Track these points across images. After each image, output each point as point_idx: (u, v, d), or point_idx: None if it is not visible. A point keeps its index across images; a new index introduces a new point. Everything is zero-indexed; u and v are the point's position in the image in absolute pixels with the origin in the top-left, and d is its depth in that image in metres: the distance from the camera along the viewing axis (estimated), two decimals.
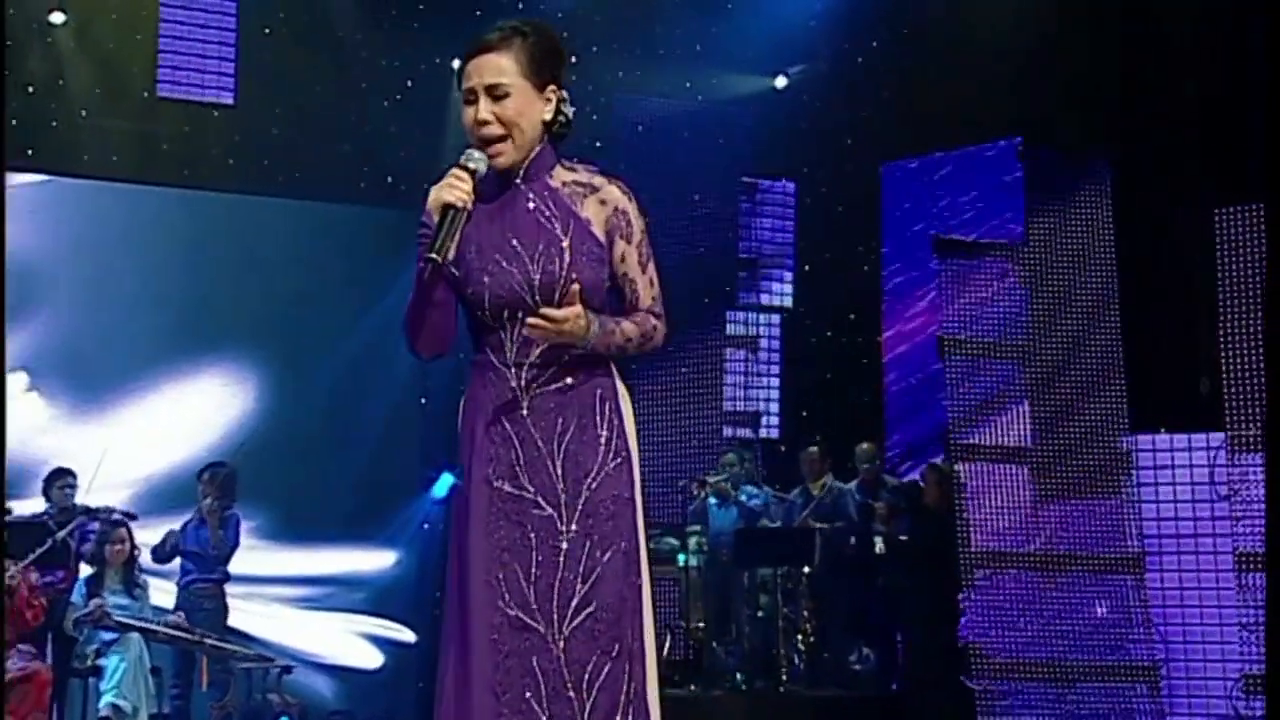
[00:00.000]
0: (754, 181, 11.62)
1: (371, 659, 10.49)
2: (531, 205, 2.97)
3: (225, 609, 8.76)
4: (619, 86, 11.33)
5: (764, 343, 11.53)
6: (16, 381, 9.90)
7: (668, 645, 9.51)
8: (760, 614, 9.39)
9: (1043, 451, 8.79)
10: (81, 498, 8.58)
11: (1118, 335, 8.86)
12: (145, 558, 8.58)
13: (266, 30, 10.37)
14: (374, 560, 10.55)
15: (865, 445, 10.18)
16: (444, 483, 10.74)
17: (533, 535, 2.87)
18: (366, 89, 10.62)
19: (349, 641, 10.48)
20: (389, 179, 10.75)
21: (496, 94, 2.94)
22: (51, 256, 9.99)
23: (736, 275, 11.48)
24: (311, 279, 10.44)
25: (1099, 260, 8.95)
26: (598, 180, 3.04)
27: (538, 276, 2.90)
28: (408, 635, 10.54)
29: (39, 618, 7.95)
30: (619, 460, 2.95)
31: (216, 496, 8.73)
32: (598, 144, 11.27)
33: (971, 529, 8.60)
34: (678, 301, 11.35)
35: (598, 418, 2.95)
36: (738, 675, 9.15)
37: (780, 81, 11.75)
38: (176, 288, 10.21)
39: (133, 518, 8.79)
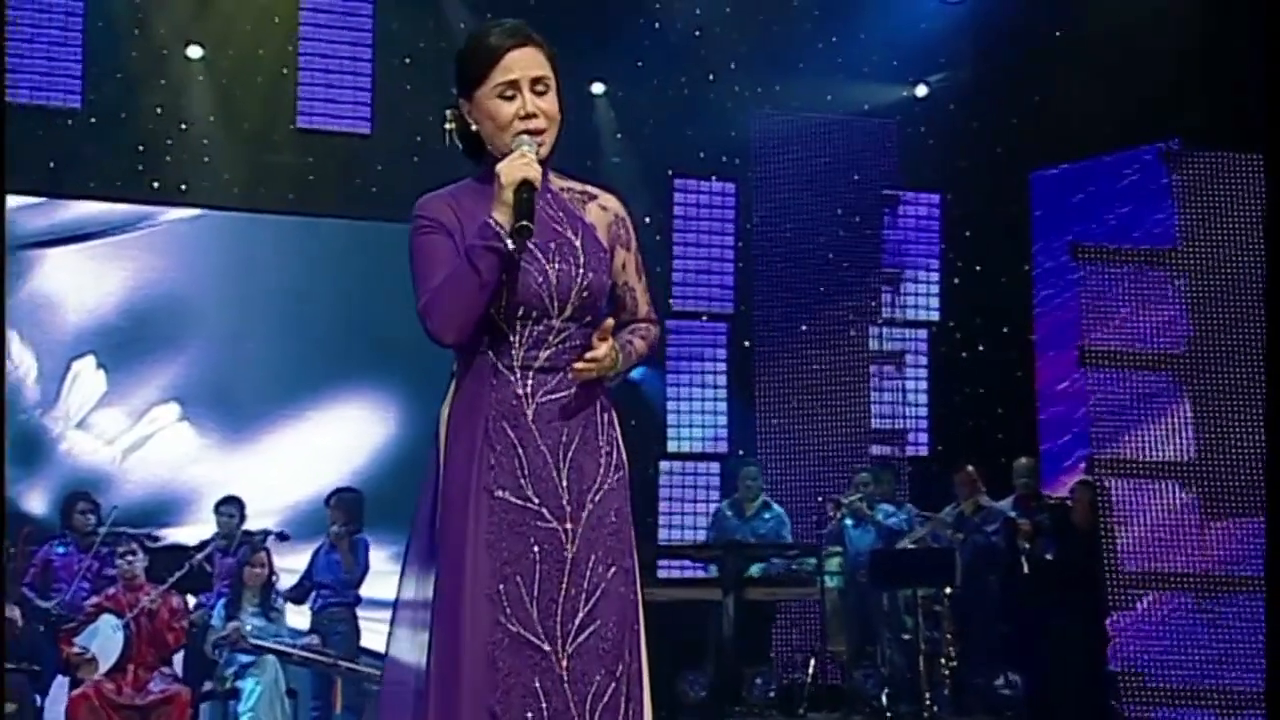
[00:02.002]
0: (896, 194, 11.37)
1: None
2: (541, 207, 2.89)
3: (358, 632, 8.85)
4: (757, 101, 11.23)
5: (911, 358, 11.27)
6: (169, 412, 10.19)
7: (812, 669, 9.32)
8: (904, 637, 9.13)
9: (1201, 467, 8.37)
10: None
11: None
12: (284, 582, 8.72)
13: (407, 60, 10.52)
14: None
15: (1024, 460, 9.87)
16: None
17: (536, 549, 2.76)
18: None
19: None
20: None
21: (538, 88, 2.91)
22: (202, 290, 10.27)
23: (880, 290, 11.25)
24: None
25: (1253, 264, 8.50)
26: (592, 188, 3.00)
27: (555, 278, 2.83)
28: None
29: (180, 640, 8.14)
30: (620, 474, 2.88)
31: (344, 522, 8.83)
32: (736, 160, 11.22)
33: (1122, 549, 8.24)
34: (820, 317, 11.28)
35: (598, 428, 2.88)
36: (881, 700, 8.91)
37: (922, 90, 11.49)
38: (320, 316, 10.39)
39: (285, 538, 8.97)
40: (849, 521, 9.58)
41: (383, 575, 9.21)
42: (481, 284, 2.75)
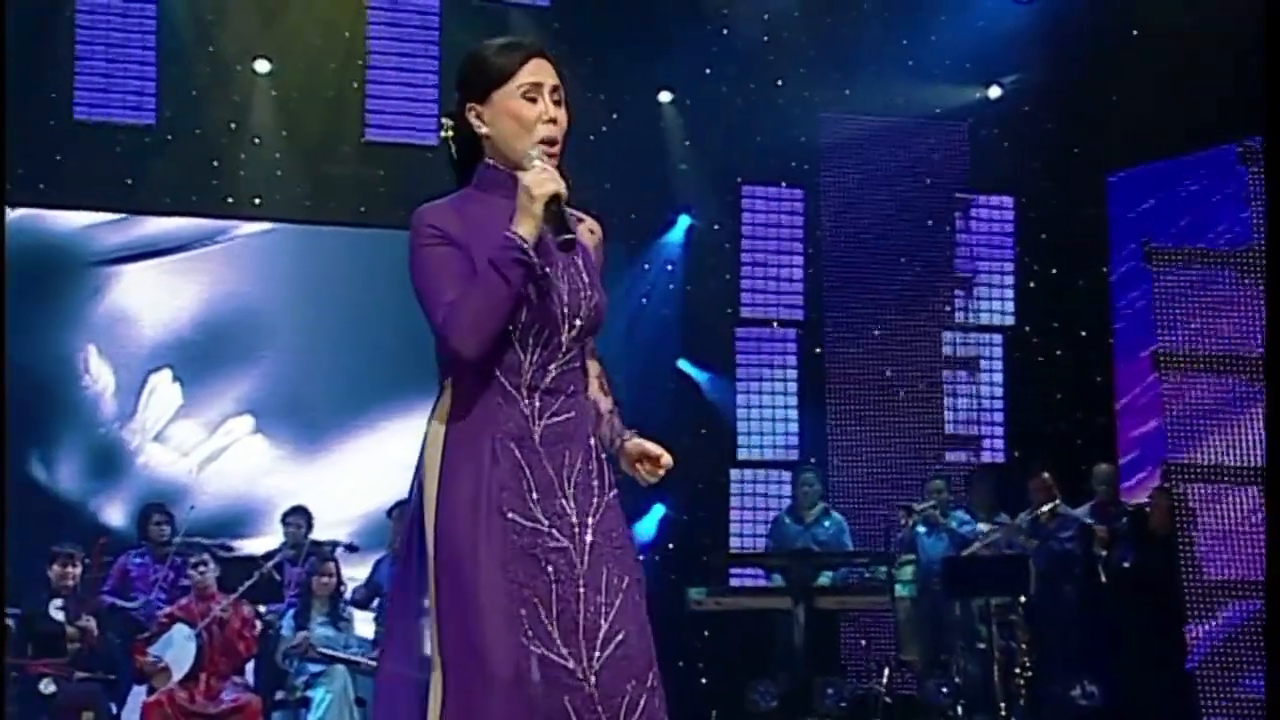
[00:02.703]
0: (969, 197, 11.23)
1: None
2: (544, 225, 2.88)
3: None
4: (826, 106, 11.14)
5: (985, 363, 11.12)
6: (243, 424, 10.31)
7: (886, 678, 9.21)
8: (979, 646, 8.99)
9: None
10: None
11: None
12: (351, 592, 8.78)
13: None
14: None
15: (1104, 466, 9.70)
16: (654, 515, 10.68)
17: (550, 570, 2.74)
18: (575, 123, 10.67)
19: None
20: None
21: (556, 99, 2.91)
22: (274, 303, 10.39)
23: (953, 294, 11.11)
24: None
25: None
26: (578, 211, 2.97)
27: (568, 299, 2.84)
28: None
29: (251, 649, 8.23)
30: (615, 492, 2.88)
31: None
32: (805, 166, 11.14)
33: (1201, 555, 8.06)
34: (892, 323, 11.15)
35: (590, 449, 2.88)
36: (956, 711, 8.79)
37: (995, 92, 11.32)
38: (390, 328, 10.42)
39: (354, 549, 9.02)
40: (921, 529, 9.46)
41: None
42: (510, 295, 2.74)
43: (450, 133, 2.94)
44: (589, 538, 2.79)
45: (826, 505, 9.75)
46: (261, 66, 10.28)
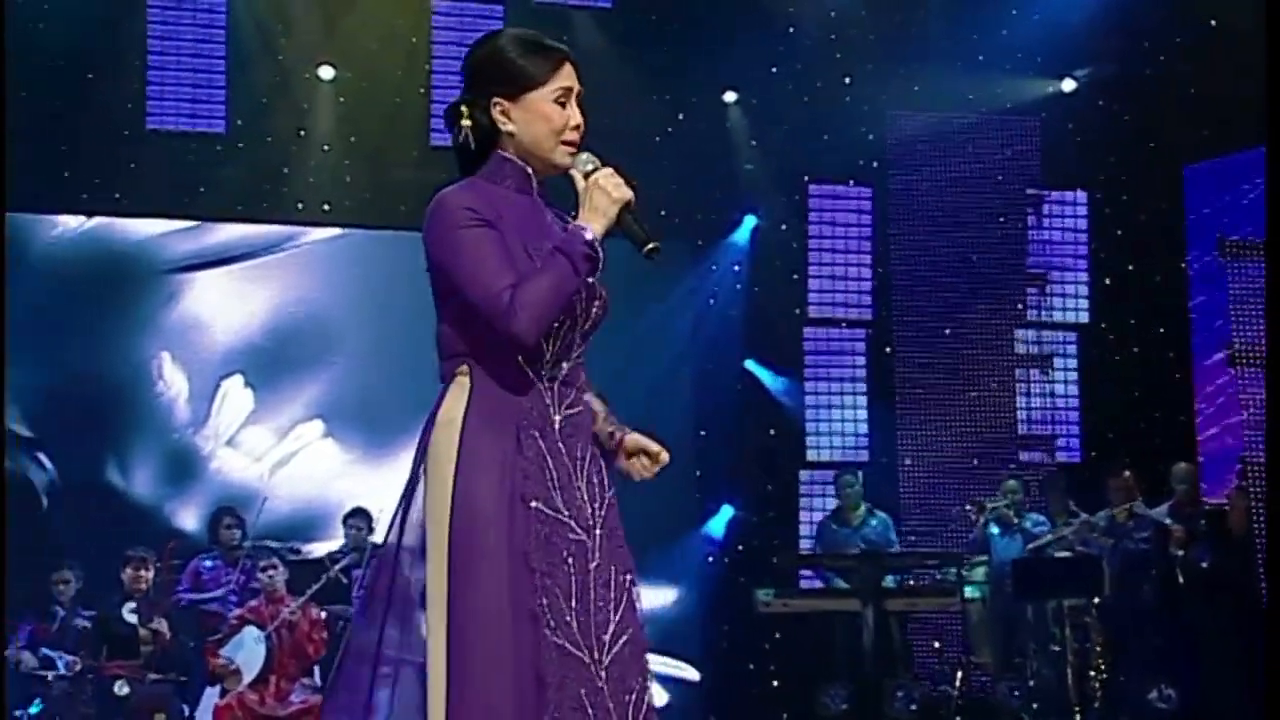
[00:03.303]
0: (1040, 193, 11.05)
1: (656, 697, 10.39)
2: (552, 219, 2.91)
3: None
4: (895, 103, 11.02)
5: (1059, 361, 10.94)
6: (313, 429, 10.39)
7: (959, 680, 9.09)
8: (1054, 648, 8.84)
9: None
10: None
11: None
12: None
13: None
14: (653, 597, 10.48)
15: (1183, 465, 9.51)
16: (723, 516, 10.63)
17: (570, 560, 2.74)
18: (638, 125, 10.66)
19: None
20: (662, 212, 10.75)
21: (579, 104, 2.92)
22: (343, 308, 10.45)
23: (1026, 292, 10.94)
24: None
25: None
26: (562, 211, 2.96)
27: (584, 294, 2.84)
28: (691, 673, 10.43)
29: (319, 651, 8.28)
30: (613, 490, 2.89)
31: None
32: (874, 164, 11.03)
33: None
34: (963, 321, 11.01)
35: (595, 443, 2.90)
36: (1030, 712, 8.65)
37: (1068, 85, 11.13)
38: None
39: None
40: (994, 529, 9.33)
41: None
42: (578, 288, 2.77)
43: (469, 122, 2.90)
44: (600, 533, 2.80)
45: (870, 505, 9.65)
46: (326, 73, 10.36)
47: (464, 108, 2.90)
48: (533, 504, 2.73)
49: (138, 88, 9.98)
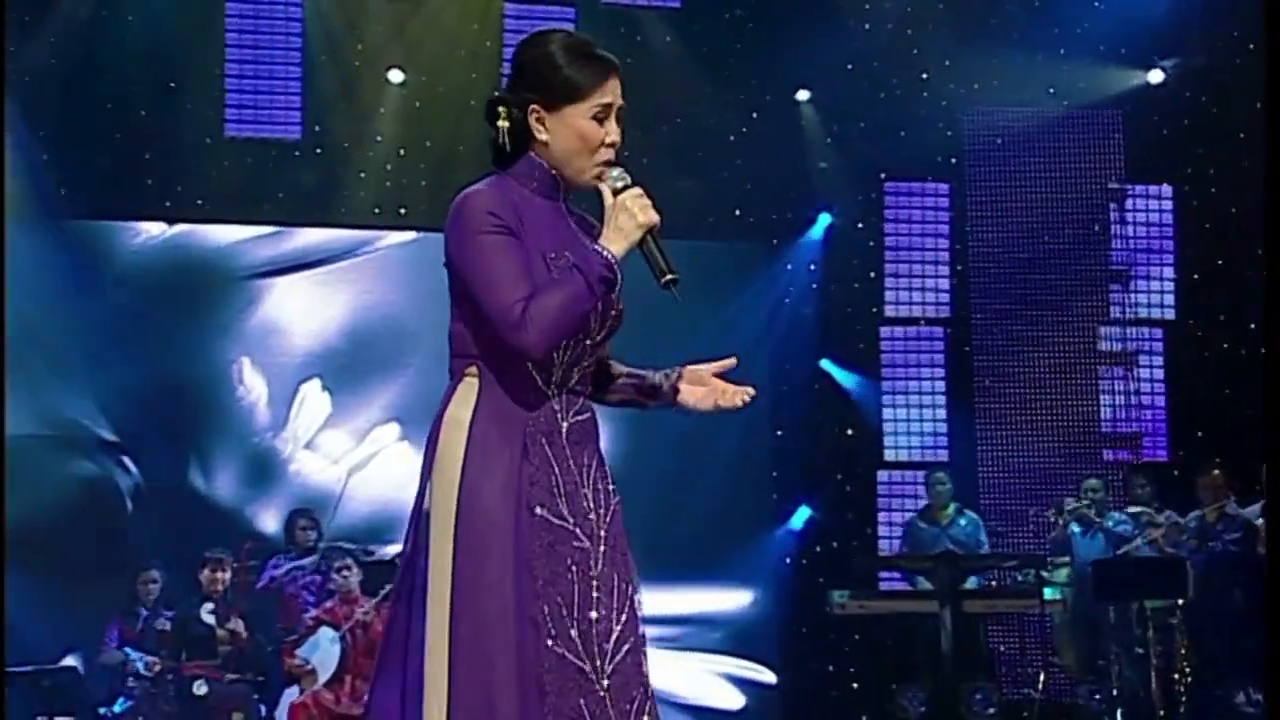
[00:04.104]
0: (1124, 188, 10.83)
1: (732, 700, 10.37)
2: (575, 226, 2.90)
3: None
4: (974, 98, 10.88)
5: (1144, 359, 10.71)
6: (389, 432, 10.45)
7: (1042, 683, 8.94)
8: (1138, 651, 8.65)
9: None
10: None
11: None
12: None
13: None
14: (730, 599, 10.43)
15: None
16: (800, 517, 10.53)
17: (573, 568, 2.73)
18: (712, 125, 10.63)
19: (709, 682, 10.39)
20: (736, 212, 10.73)
21: (619, 117, 2.89)
22: (419, 311, 10.47)
23: (1109, 289, 10.73)
24: (660, 316, 10.48)
25: None
26: (591, 218, 2.94)
27: (600, 304, 2.82)
28: (768, 676, 10.35)
29: None
30: (619, 498, 2.86)
31: None
32: (952, 160, 10.90)
33: None
34: (1044, 319, 10.78)
35: (601, 453, 2.88)
36: (1114, 716, 8.47)
37: (1155, 76, 10.89)
38: None
39: None
40: (1076, 529, 9.15)
41: None
42: (593, 310, 2.75)
43: (507, 123, 2.88)
44: (604, 541, 2.78)
45: (960, 505, 9.51)
46: (396, 77, 10.42)
47: (501, 107, 2.88)
48: (538, 511, 2.72)
49: (217, 96, 10.13)
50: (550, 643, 2.67)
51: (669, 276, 2.77)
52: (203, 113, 10.13)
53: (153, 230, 10.40)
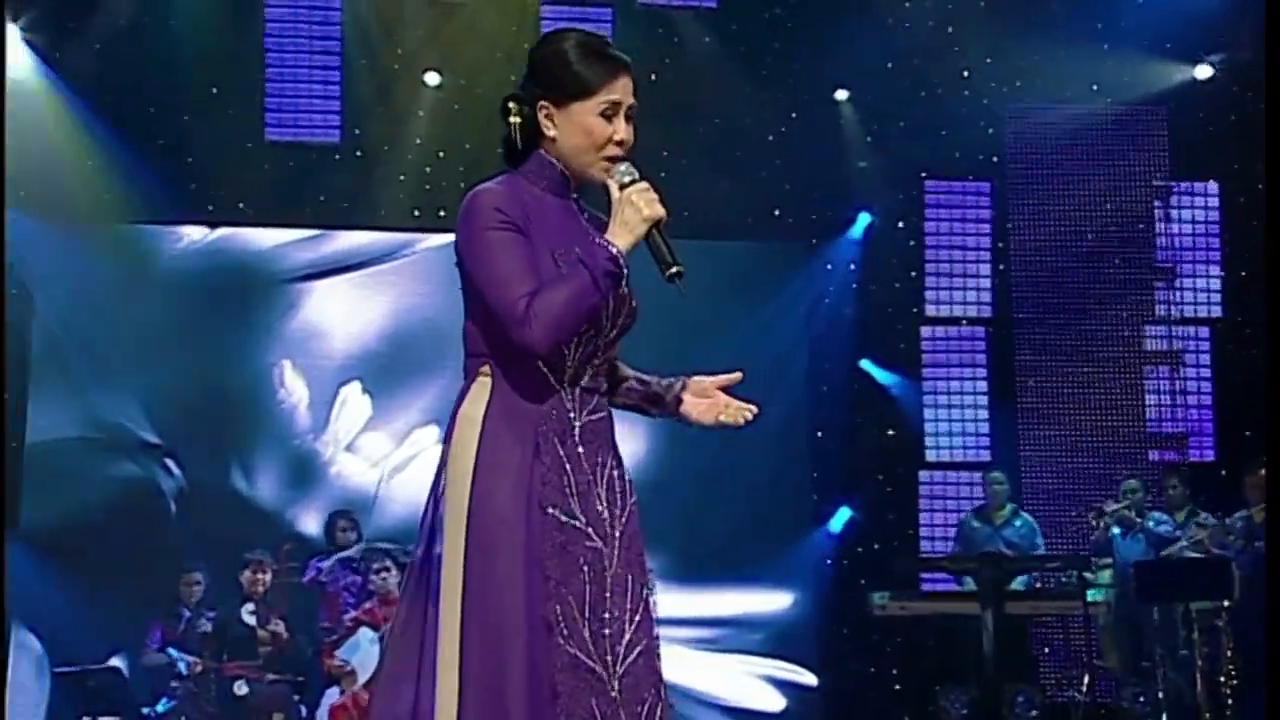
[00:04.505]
0: (1168, 185, 10.70)
1: (773, 702, 10.31)
2: (586, 223, 2.89)
3: None
4: (1016, 96, 10.78)
5: (1190, 358, 10.58)
6: (429, 435, 10.45)
7: (1086, 685, 8.83)
8: (1183, 653, 8.53)
9: None
10: None
11: None
12: None
13: (653, 76, 10.54)
14: (770, 601, 10.37)
15: None
16: (840, 518, 10.47)
17: (586, 569, 2.71)
18: (751, 125, 10.59)
19: (749, 684, 10.34)
20: (775, 212, 10.68)
21: (629, 116, 2.88)
22: (458, 314, 10.44)
23: (1154, 287, 10.60)
24: (700, 316, 10.45)
25: None
26: (604, 216, 2.91)
27: (611, 301, 2.81)
28: (809, 678, 10.29)
29: None
30: (635, 498, 2.84)
31: None
32: (994, 158, 10.80)
33: None
34: (1088, 318, 10.67)
35: (617, 452, 2.86)
36: (1159, 717, 8.36)
37: (1203, 72, 10.75)
38: None
39: None
40: (1116, 530, 9.04)
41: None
42: (599, 305, 2.73)
43: (518, 119, 2.91)
44: (618, 538, 2.76)
45: (1016, 506, 9.41)
46: (432, 79, 10.44)
47: (512, 103, 2.90)
48: (549, 510, 2.71)
49: (257, 100, 10.19)
50: (562, 643, 2.65)
51: (674, 269, 2.76)
52: (244, 117, 10.19)
53: (195, 235, 10.47)
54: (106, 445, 10.10)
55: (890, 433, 10.60)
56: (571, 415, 2.78)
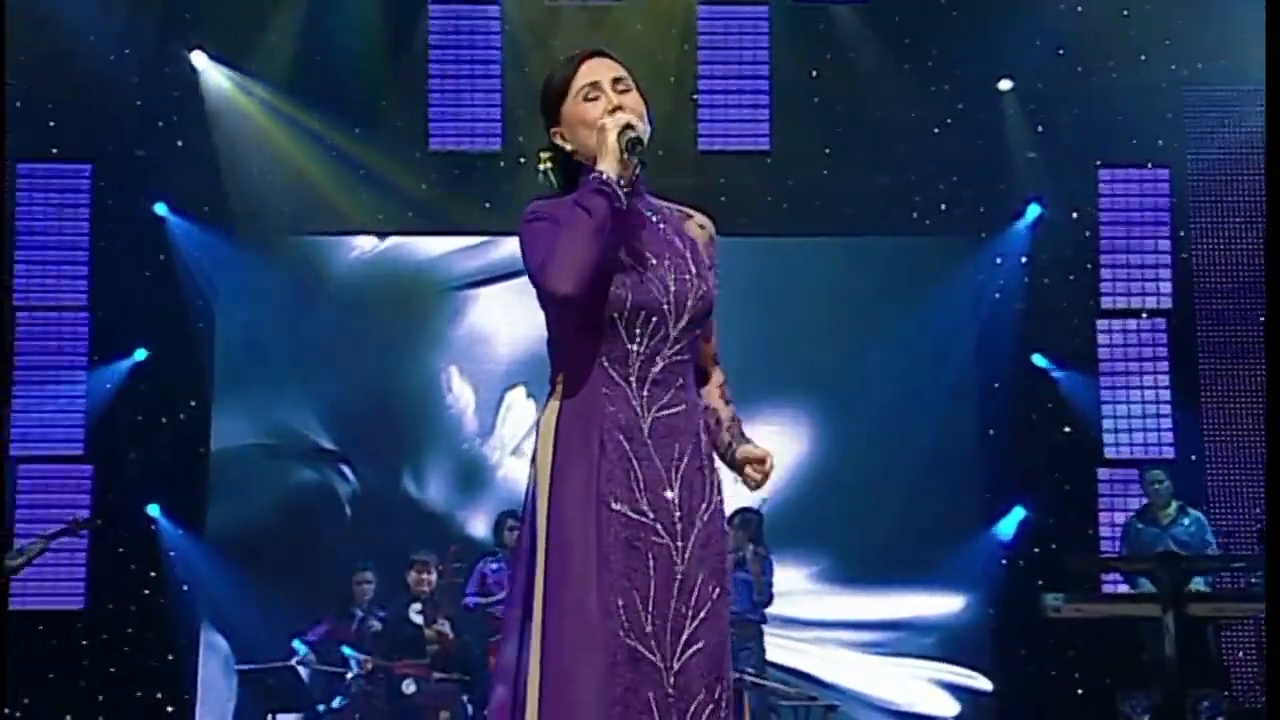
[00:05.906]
0: None
1: (946, 707, 10.05)
2: (650, 216, 2.94)
3: (764, 649, 8.87)
4: (1197, 79, 10.38)
5: None
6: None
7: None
8: None
9: None
10: None
11: None
12: None
13: (813, 73, 10.44)
14: (941, 603, 10.11)
15: None
16: (1013, 518, 10.17)
17: (652, 563, 2.75)
18: (914, 117, 10.38)
19: (921, 688, 10.10)
20: (942, 206, 10.46)
21: (620, 87, 2.98)
22: None
23: None
24: (860, 315, 10.31)
25: None
26: (687, 207, 3.04)
27: (674, 288, 2.86)
28: (984, 683, 10.01)
29: None
30: (722, 497, 2.87)
31: (748, 540, 8.82)
32: (1173, 144, 10.41)
33: None
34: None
35: (701, 447, 2.87)
36: None
37: None
38: (745, 333, 10.38)
39: None
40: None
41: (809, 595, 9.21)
42: (595, 227, 2.75)
43: (549, 164, 3.02)
44: (692, 538, 2.79)
45: (1182, 503, 9.00)
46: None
47: (541, 153, 3.04)
48: (614, 506, 2.76)
49: (421, 111, 10.38)
50: (622, 635, 2.71)
51: (631, 137, 2.84)
52: (409, 128, 10.40)
53: (365, 245, 10.72)
54: (284, 452, 10.41)
55: (1066, 430, 10.26)
56: (639, 411, 2.82)
